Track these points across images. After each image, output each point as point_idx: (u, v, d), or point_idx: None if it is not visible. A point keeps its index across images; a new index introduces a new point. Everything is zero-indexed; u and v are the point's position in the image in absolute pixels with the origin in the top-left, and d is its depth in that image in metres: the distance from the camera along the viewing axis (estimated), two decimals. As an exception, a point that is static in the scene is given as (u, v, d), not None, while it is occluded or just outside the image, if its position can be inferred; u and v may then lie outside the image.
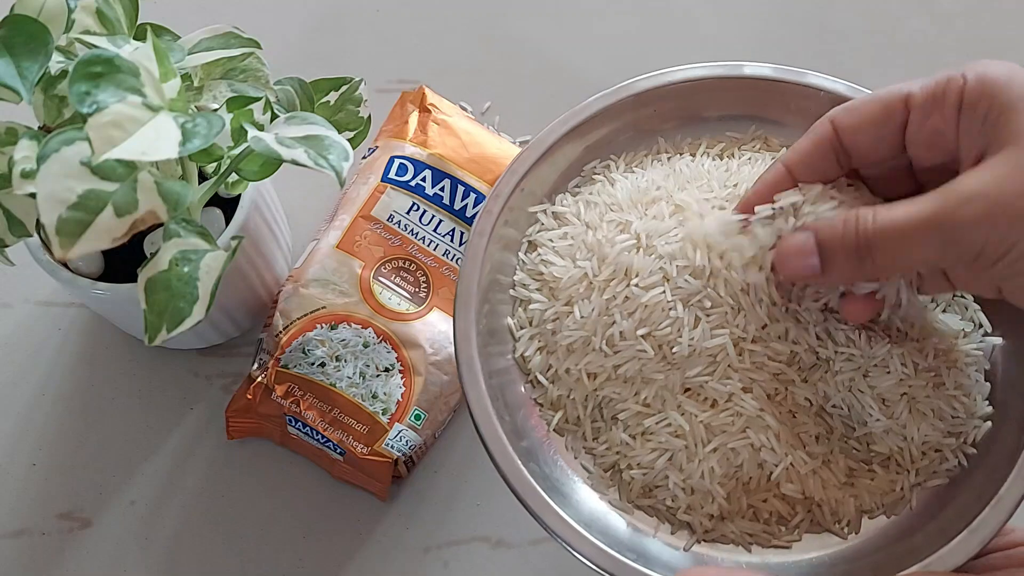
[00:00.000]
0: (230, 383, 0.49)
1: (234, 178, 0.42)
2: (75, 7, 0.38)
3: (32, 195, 0.33)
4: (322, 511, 0.47)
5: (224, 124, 0.35)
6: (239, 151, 0.39)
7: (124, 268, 0.43)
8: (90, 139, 0.32)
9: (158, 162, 0.35)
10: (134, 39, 0.39)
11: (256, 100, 0.40)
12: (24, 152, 0.35)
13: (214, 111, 0.40)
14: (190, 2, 0.59)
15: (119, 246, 0.33)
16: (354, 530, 0.46)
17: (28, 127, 0.37)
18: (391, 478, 0.45)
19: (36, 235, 0.41)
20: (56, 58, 0.38)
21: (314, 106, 0.44)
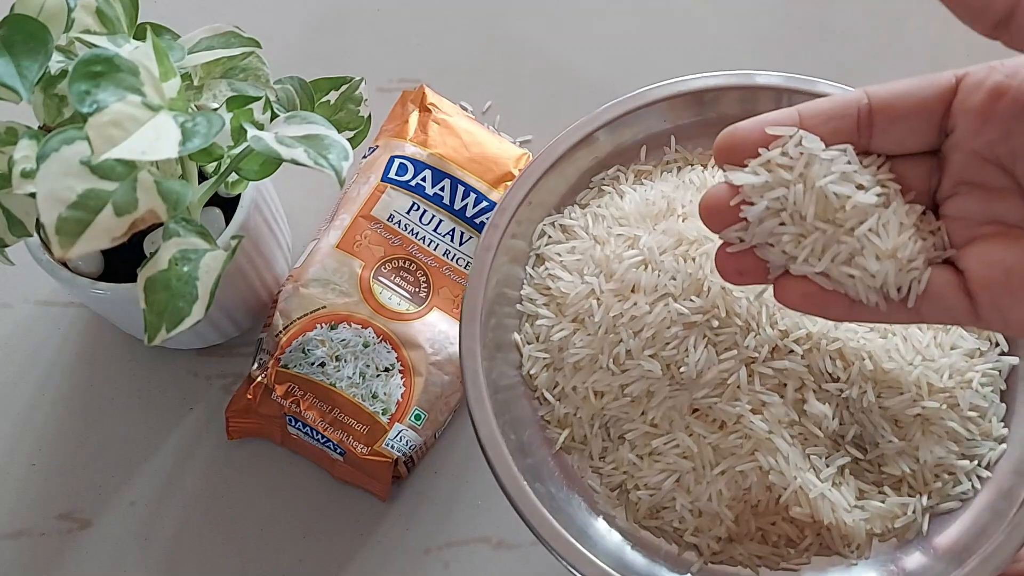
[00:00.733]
0: (230, 383, 0.49)
1: (234, 177, 0.42)
2: (75, 6, 0.38)
3: (32, 195, 0.33)
4: (322, 511, 0.47)
5: (224, 123, 0.35)
6: (239, 150, 0.39)
7: (124, 268, 0.43)
8: (90, 138, 0.32)
9: (158, 161, 0.35)
10: (134, 38, 0.39)
11: (256, 99, 0.40)
12: (24, 152, 0.35)
13: (214, 110, 0.40)
14: (190, 1, 0.59)
15: (119, 245, 0.33)
16: (354, 531, 0.46)
17: (28, 127, 0.37)
18: (391, 478, 0.45)
19: (36, 235, 0.41)
20: (56, 57, 0.37)
21: (314, 105, 0.44)
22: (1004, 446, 0.39)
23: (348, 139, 0.44)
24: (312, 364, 0.45)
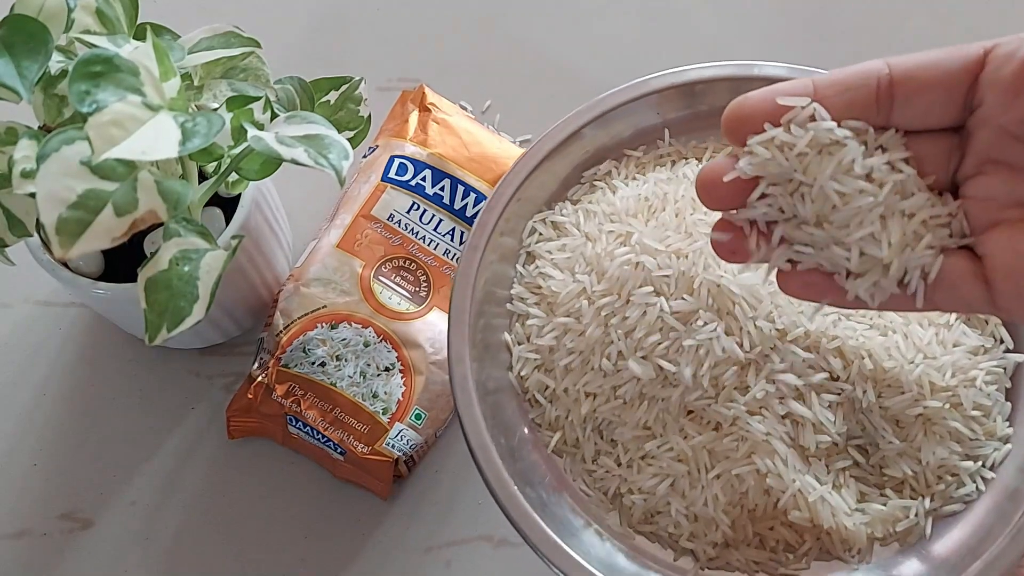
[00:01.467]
0: (231, 383, 0.49)
1: (234, 177, 0.42)
2: (75, 6, 0.38)
3: (32, 195, 0.33)
4: (323, 511, 0.47)
5: (224, 123, 0.35)
6: (239, 150, 0.39)
7: (124, 268, 0.43)
8: (90, 138, 0.32)
9: (158, 161, 0.35)
10: (134, 38, 0.39)
11: (256, 99, 0.40)
12: (24, 152, 0.35)
13: (214, 110, 0.40)
14: (190, 1, 0.59)
15: (119, 246, 0.33)
16: (355, 530, 0.46)
17: (28, 127, 0.37)
18: (392, 477, 0.45)
19: (36, 235, 0.41)
20: (56, 57, 0.37)
21: (314, 105, 0.44)
22: (1009, 446, 0.38)
23: (348, 139, 0.44)
24: (313, 363, 0.45)
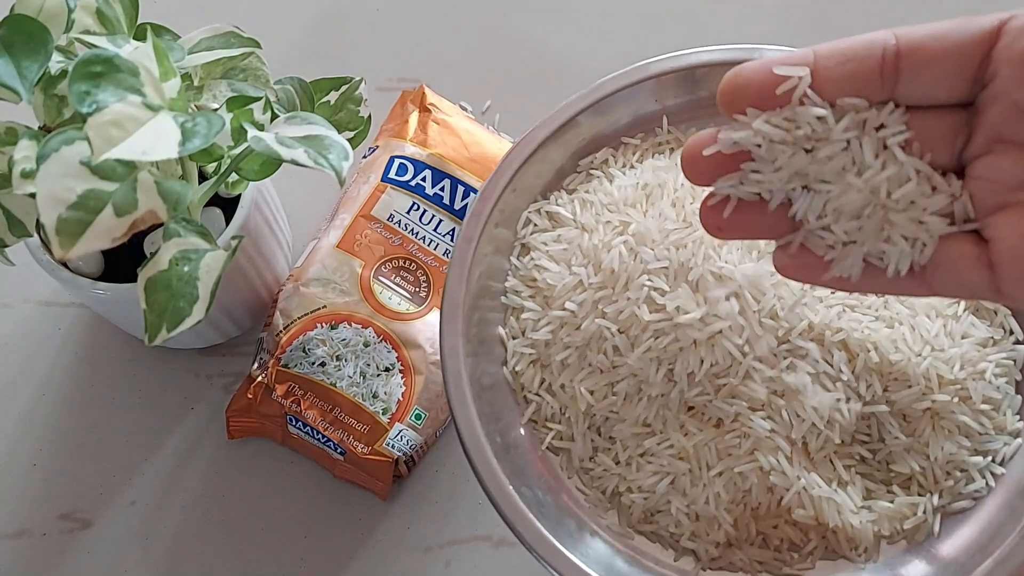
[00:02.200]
0: (231, 383, 0.49)
1: (234, 178, 0.42)
2: (75, 7, 0.38)
3: (32, 195, 0.33)
4: (323, 511, 0.47)
5: (224, 124, 0.35)
6: (239, 151, 0.39)
7: (124, 268, 0.43)
8: (89, 139, 0.32)
9: (158, 162, 0.34)
10: (134, 39, 0.39)
11: (256, 100, 0.40)
12: (24, 152, 0.35)
13: (214, 111, 0.40)
14: (190, 2, 0.59)
15: (119, 246, 0.33)
16: (355, 530, 0.46)
17: (28, 127, 0.37)
18: (392, 478, 0.45)
19: (36, 235, 0.41)
20: (56, 58, 0.37)
21: (314, 105, 0.44)
22: (1019, 440, 0.37)
23: (348, 139, 0.44)
24: (312, 364, 0.45)
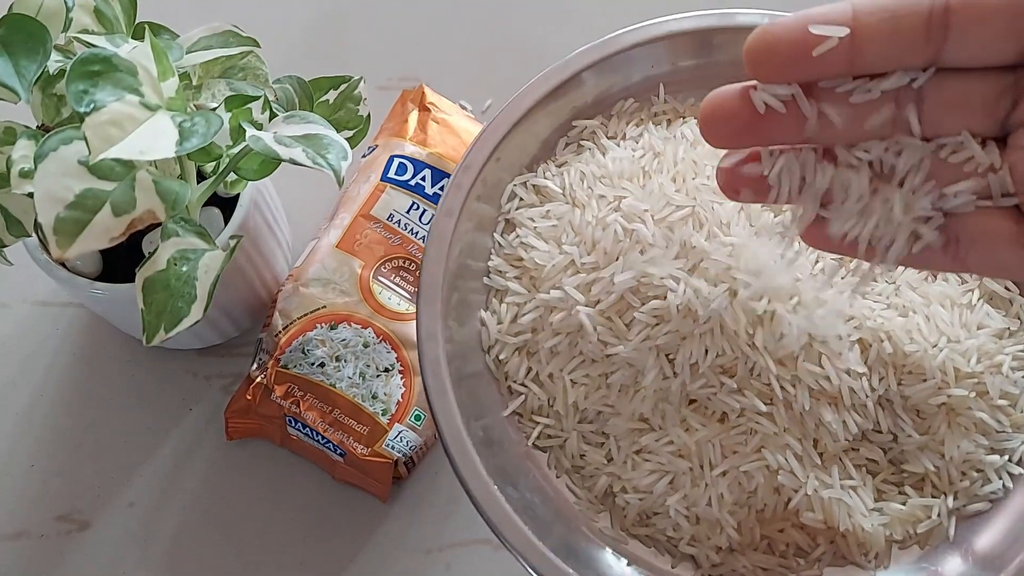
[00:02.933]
0: (230, 383, 0.49)
1: (233, 177, 0.42)
2: (73, 6, 0.38)
3: (30, 194, 0.32)
4: (322, 512, 0.46)
5: (223, 123, 0.35)
6: (238, 150, 0.39)
7: (123, 267, 0.43)
8: (87, 138, 0.31)
9: (156, 161, 0.34)
10: (132, 38, 0.39)
11: (255, 99, 0.40)
12: (22, 151, 0.35)
13: (212, 110, 0.39)
14: (189, 1, 0.59)
15: (117, 245, 0.33)
16: (354, 532, 0.46)
17: (27, 126, 0.37)
18: (391, 479, 0.45)
19: (34, 235, 0.40)
20: (54, 57, 0.37)
21: (313, 104, 0.44)
22: None
23: (347, 138, 0.44)
24: (312, 364, 0.45)
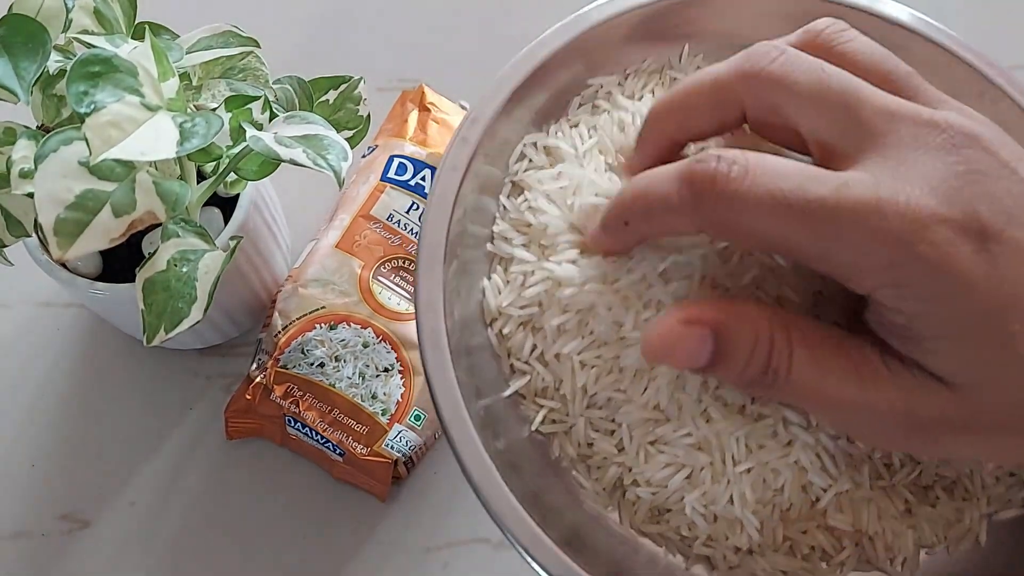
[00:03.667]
0: (230, 383, 0.49)
1: (233, 178, 0.42)
2: (73, 6, 0.38)
3: (30, 195, 0.33)
4: (322, 512, 0.47)
5: (223, 124, 0.35)
6: (238, 150, 0.39)
7: (123, 268, 0.43)
8: (87, 139, 0.32)
9: (157, 162, 0.35)
10: (132, 38, 0.39)
11: (255, 99, 0.40)
12: (22, 152, 0.35)
13: (213, 110, 0.39)
14: (189, 1, 0.59)
15: (118, 246, 0.33)
16: (354, 531, 0.46)
17: (27, 127, 0.37)
18: (391, 479, 0.45)
19: (34, 235, 0.41)
20: (54, 57, 0.37)
21: (313, 105, 0.44)
22: None
23: (347, 138, 0.44)
24: (311, 364, 0.45)
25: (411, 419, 0.45)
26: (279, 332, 0.46)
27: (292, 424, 0.45)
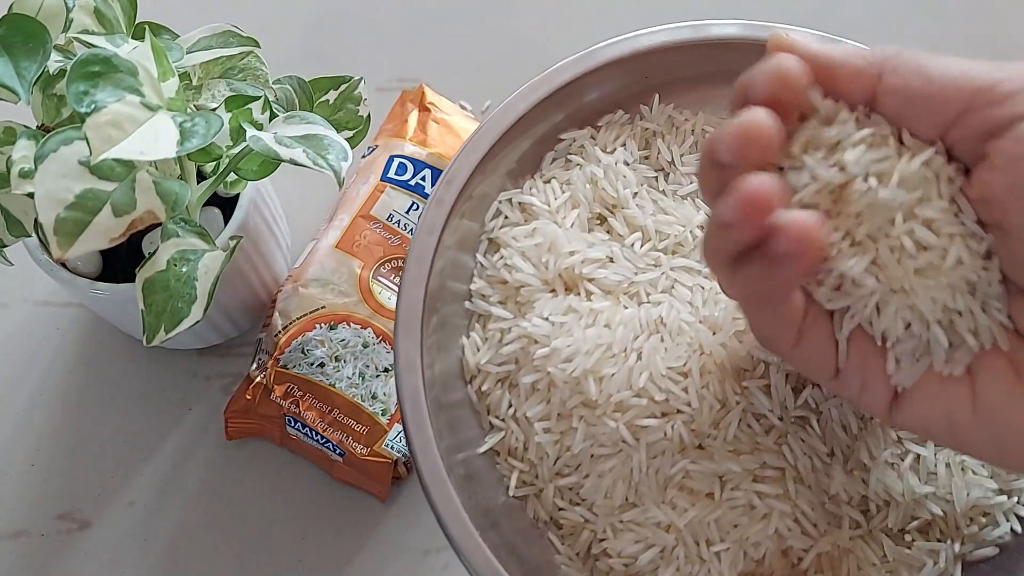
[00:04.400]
0: (229, 383, 0.49)
1: (233, 177, 0.42)
2: (73, 6, 0.38)
3: (30, 195, 0.32)
4: (321, 512, 0.46)
5: (223, 124, 0.35)
6: (238, 150, 0.39)
7: (123, 268, 0.43)
8: (88, 139, 0.32)
9: (157, 162, 0.34)
10: (133, 38, 0.39)
11: (255, 99, 0.40)
12: (22, 152, 0.35)
13: (213, 110, 0.39)
14: (189, 1, 0.59)
15: (118, 245, 0.33)
16: (353, 531, 0.46)
17: (27, 126, 0.37)
18: (391, 479, 0.45)
19: (34, 235, 0.41)
20: (55, 57, 0.37)
21: (313, 105, 0.44)
22: None
23: (347, 138, 0.44)
24: (311, 364, 0.45)
25: (411, 419, 0.45)
26: (279, 332, 0.46)
27: (292, 424, 0.45)
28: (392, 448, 0.44)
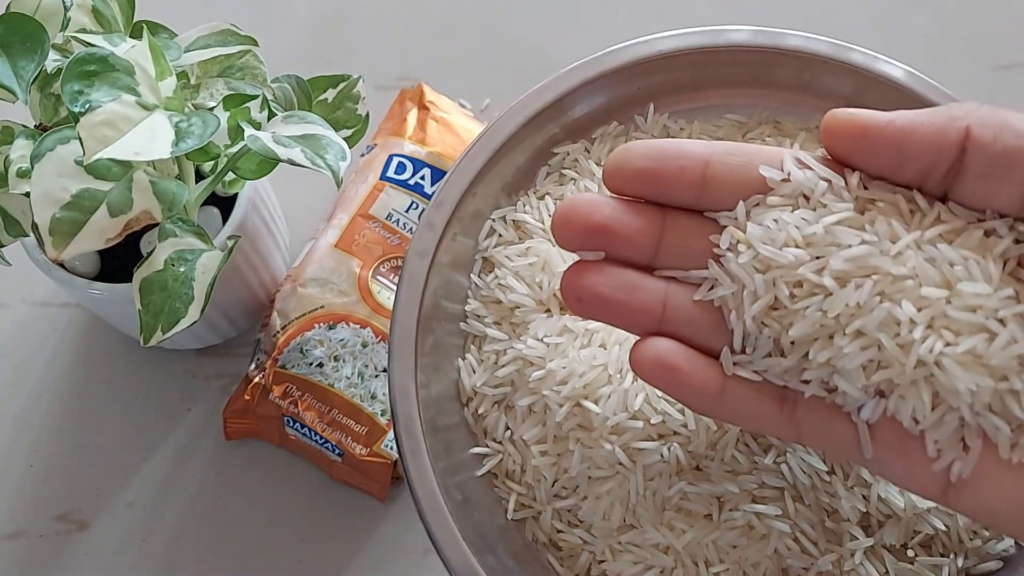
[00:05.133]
0: (228, 384, 0.49)
1: (231, 177, 0.41)
2: (71, 5, 0.38)
3: (27, 194, 0.32)
4: (321, 513, 0.46)
5: (220, 123, 0.35)
6: (236, 150, 0.38)
7: (121, 268, 0.43)
8: (81, 139, 0.31)
9: (154, 161, 0.34)
10: (130, 37, 0.39)
11: (253, 98, 0.40)
12: (20, 151, 0.34)
13: (210, 109, 0.39)
14: None
15: (116, 245, 0.33)
16: (353, 532, 0.46)
17: (24, 126, 0.37)
18: (390, 479, 0.45)
19: (32, 235, 0.40)
20: (53, 56, 0.37)
21: (312, 104, 0.44)
22: None
23: (346, 137, 0.44)
24: (310, 364, 0.45)
25: (410, 419, 0.45)
26: (278, 332, 0.46)
27: (291, 424, 0.45)
28: (391, 448, 0.44)
